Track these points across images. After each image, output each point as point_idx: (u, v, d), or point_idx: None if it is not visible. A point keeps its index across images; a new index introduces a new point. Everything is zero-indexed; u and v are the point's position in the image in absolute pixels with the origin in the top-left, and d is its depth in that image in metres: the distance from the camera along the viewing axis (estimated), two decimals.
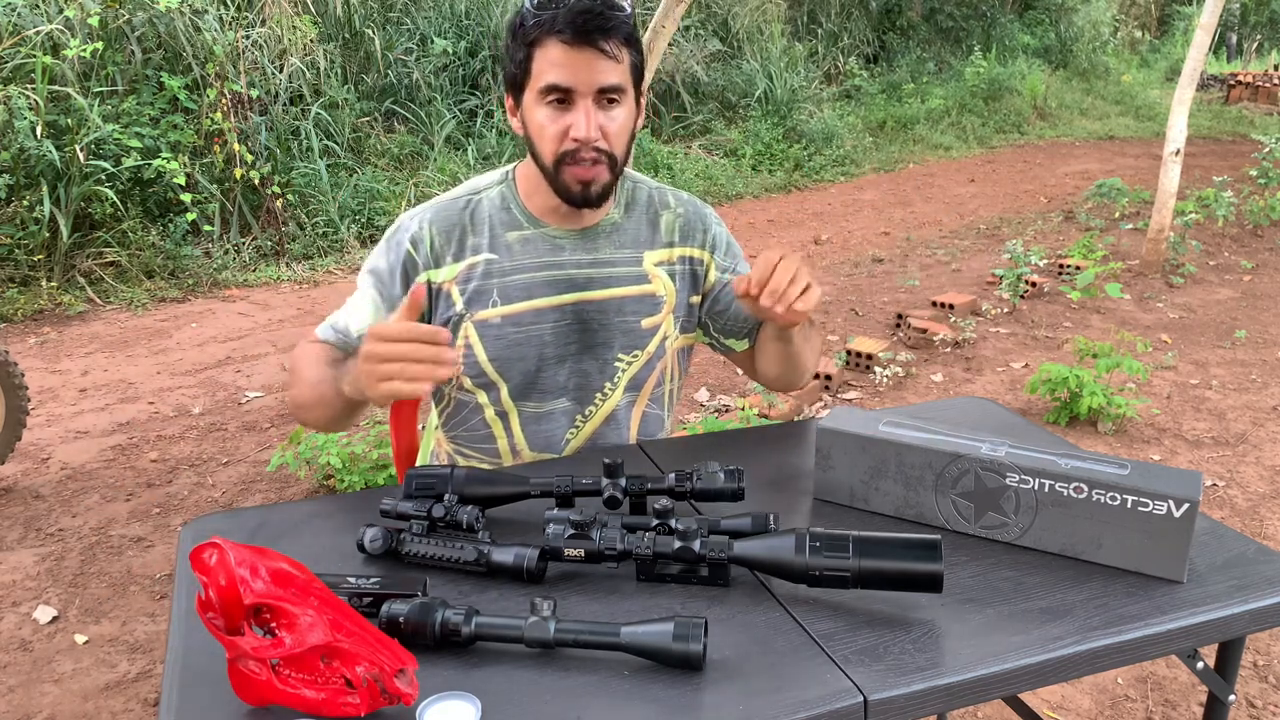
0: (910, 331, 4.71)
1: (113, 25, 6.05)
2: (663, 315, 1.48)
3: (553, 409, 1.45)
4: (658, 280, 1.47)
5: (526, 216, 1.43)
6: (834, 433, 1.24)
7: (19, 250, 5.30)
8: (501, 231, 1.42)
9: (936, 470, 1.18)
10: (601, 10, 1.27)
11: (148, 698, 2.30)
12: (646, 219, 1.49)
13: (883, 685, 0.91)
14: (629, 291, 1.45)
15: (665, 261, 1.48)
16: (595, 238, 1.44)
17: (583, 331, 1.43)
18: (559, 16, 1.26)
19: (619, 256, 1.45)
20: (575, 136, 1.29)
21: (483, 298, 1.40)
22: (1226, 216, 6.58)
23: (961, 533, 1.19)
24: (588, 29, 1.26)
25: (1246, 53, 17.65)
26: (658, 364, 1.49)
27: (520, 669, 0.94)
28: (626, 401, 1.49)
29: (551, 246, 1.42)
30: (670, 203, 1.51)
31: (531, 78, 1.30)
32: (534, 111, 1.32)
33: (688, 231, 1.50)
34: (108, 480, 3.36)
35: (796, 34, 11.21)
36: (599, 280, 1.43)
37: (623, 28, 1.29)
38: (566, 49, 1.27)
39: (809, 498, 1.28)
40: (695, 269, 1.51)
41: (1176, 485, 1.08)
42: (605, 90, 1.29)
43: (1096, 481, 1.10)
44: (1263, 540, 2.98)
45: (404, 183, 6.77)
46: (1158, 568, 1.10)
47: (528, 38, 1.29)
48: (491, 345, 1.41)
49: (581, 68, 1.27)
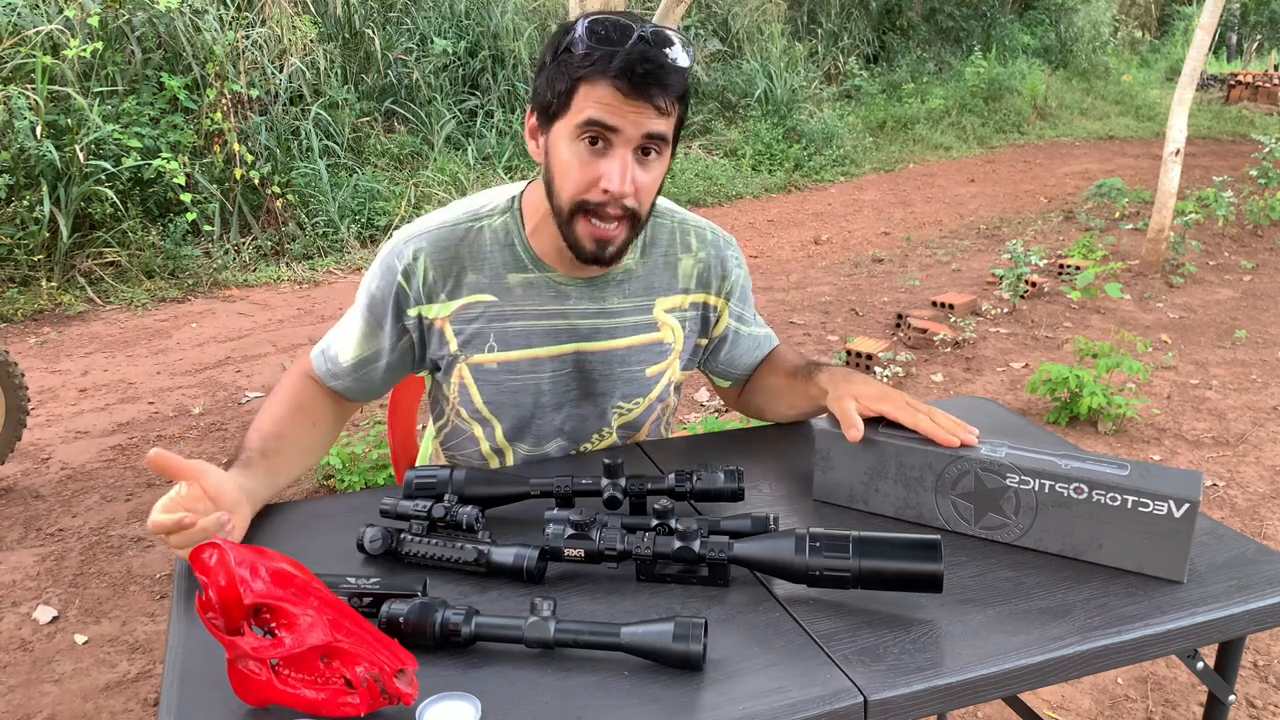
0: (910, 331, 4.71)
1: (113, 25, 6.05)
2: (669, 362, 1.43)
3: (546, 451, 1.43)
4: (666, 328, 1.41)
5: (531, 258, 1.33)
6: (834, 435, 1.24)
7: (19, 250, 5.30)
8: (503, 272, 1.32)
9: (936, 471, 1.18)
10: (663, 63, 1.15)
11: (148, 698, 2.30)
12: (664, 263, 1.40)
13: (883, 685, 0.91)
14: (635, 341, 1.38)
15: (678, 308, 1.41)
16: (604, 286, 1.35)
17: (582, 380, 1.38)
18: (616, 59, 1.13)
19: (628, 306, 1.37)
20: (607, 188, 1.18)
21: (479, 342, 1.33)
22: (1226, 216, 6.58)
23: (961, 534, 1.19)
24: (646, 81, 1.14)
25: (1246, 53, 17.65)
26: (658, 407, 1.47)
27: (520, 669, 0.94)
28: (624, 437, 1.47)
29: (556, 294, 1.33)
30: (693, 245, 1.41)
31: (570, 112, 1.18)
32: (563, 145, 1.20)
33: (705, 279, 1.42)
34: (108, 480, 3.36)
35: (796, 34, 11.21)
36: (604, 331, 1.36)
37: (680, 84, 1.18)
38: (618, 95, 1.15)
39: (809, 498, 1.28)
40: (708, 315, 1.45)
41: (1177, 485, 1.08)
42: (650, 137, 1.18)
43: (1097, 482, 1.10)
44: (1263, 540, 2.98)
45: (404, 183, 6.77)
46: (1158, 568, 1.09)
47: (575, 72, 1.16)
48: (486, 390, 1.36)
49: (630, 118, 1.16)
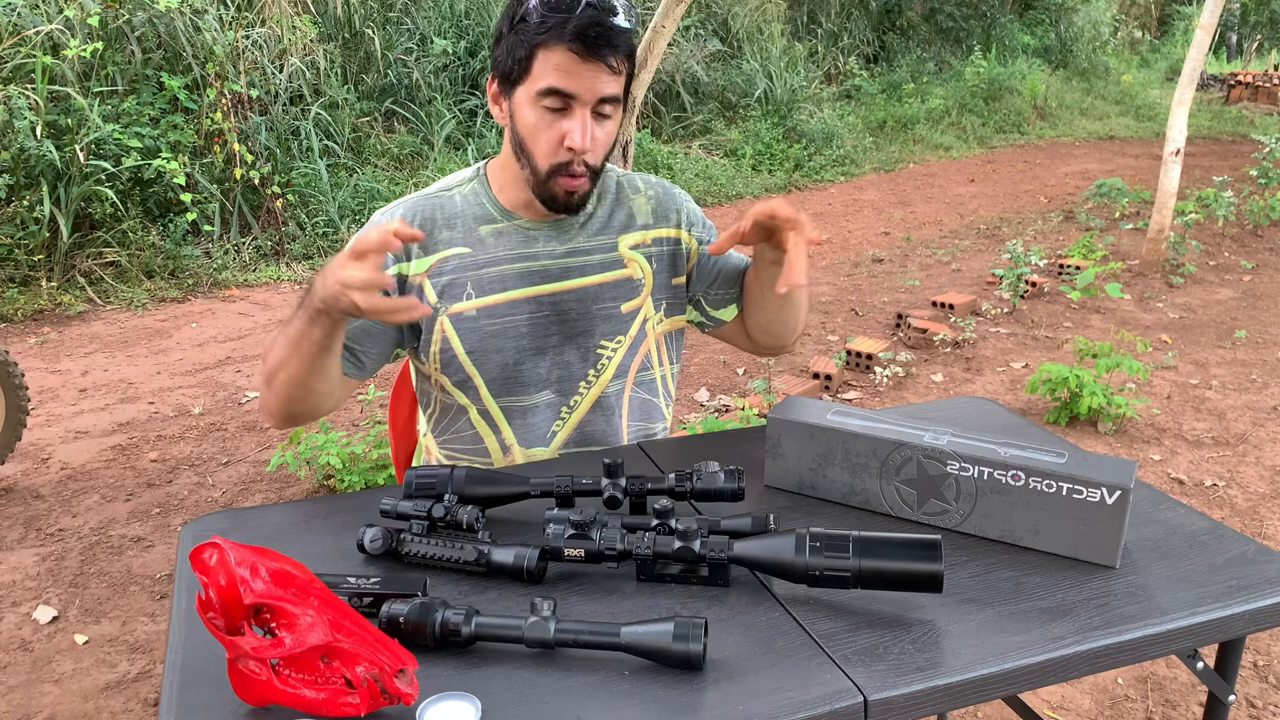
0: (910, 331, 4.71)
1: (113, 25, 6.04)
2: (641, 298, 1.49)
3: (536, 402, 1.46)
4: (634, 264, 1.49)
5: (499, 210, 1.44)
6: (783, 422, 1.27)
7: (19, 250, 5.30)
8: (474, 225, 1.43)
9: (880, 458, 1.21)
10: (612, 25, 1.28)
11: (148, 698, 2.30)
12: (617, 204, 1.50)
13: (883, 685, 0.91)
14: (605, 278, 1.47)
15: (641, 244, 1.50)
16: (569, 228, 1.46)
17: (561, 322, 1.44)
18: (570, 24, 1.26)
19: (593, 244, 1.47)
20: (571, 145, 1.31)
21: (456, 291, 1.41)
22: (1226, 216, 6.58)
23: (904, 519, 1.21)
24: (598, 43, 1.27)
25: (1246, 53, 17.65)
26: (640, 346, 1.51)
27: (520, 669, 0.94)
28: (616, 389, 1.50)
29: (525, 238, 1.44)
30: (640, 186, 1.53)
31: (530, 77, 1.31)
32: (526, 110, 1.33)
33: (661, 213, 1.52)
34: (108, 480, 3.36)
35: (796, 34, 11.21)
36: (575, 269, 1.45)
37: (627, 44, 1.32)
38: (573, 59, 1.27)
39: (808, 498, 1.28)
40: (674, 249, 1.52)
41: (1111, 473, 1.10)
42: (604, 100, 1.31)
43: (1033, 469, 1.12)
44: (1263, 540, 2.98)
45: (404, 183, 6.77)
46: (1093, 554, 1.12)
47: (533, 39, 1.28)
48: (468, 338, 1.41)
49: (586, 78, 1.29)
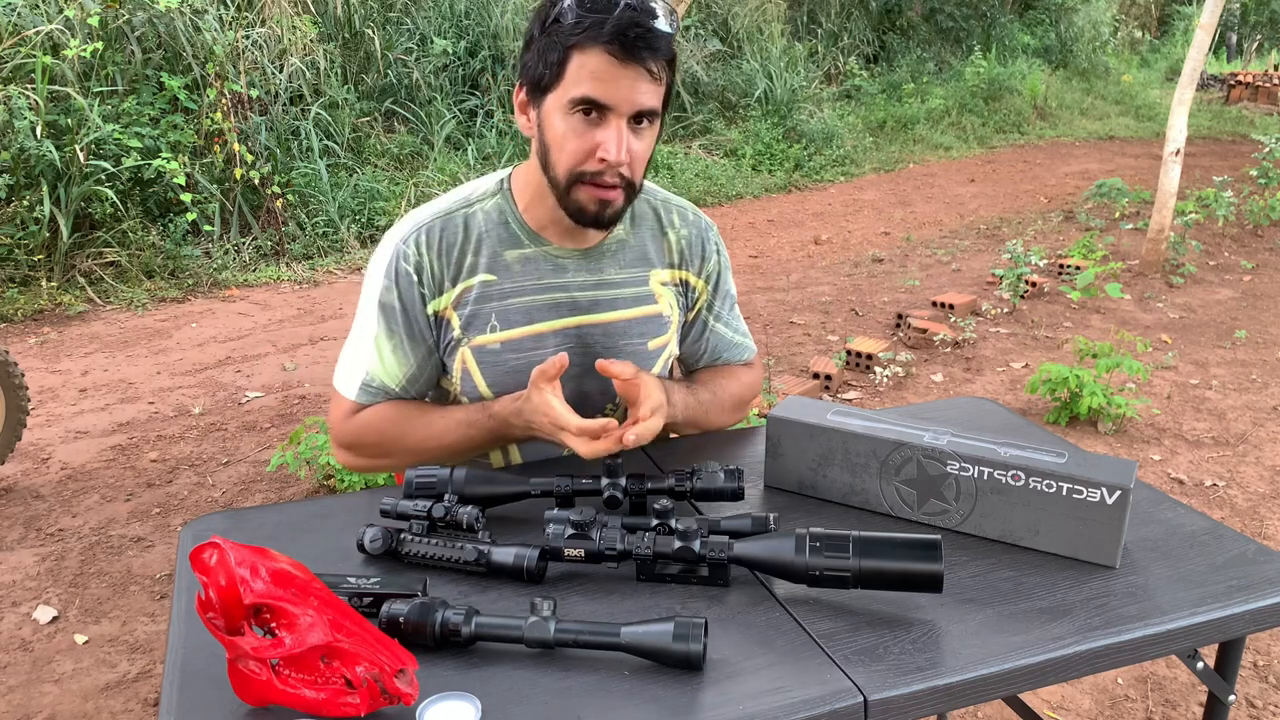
0: (910, 331, 4.71)
1: (113, 25, 6.04)
2: (669, 336, 1.44)
3: None
4: (664, 300, 1.42)
5: (526, 233, 1.34)
6: (783, 421, 1.26)
7: (19, 250, 5.30)
8: (500, 249, 1.33)
9: (880, 458, 1.20)
10: (652, 26, 1.17)
11: (148, 698, 2.30)
12: (652, 235, 1.42)
13: (883, 685, 0.91)
14: (635, 313, 1.40)
15: (671, 281, 1.44)
16: (600, 257, 1.37)
17: (585, 353, 1.36)
18: (607, 25, 1.15)
19: (624, 276, 1.39)
20: (604, 158, 1.21)
21: (480, 322, 1.33)
22: (1226, 216, 6.58)
23: (904, 519, 1.21)
24: (637, 45, 1.16)
25: (1246, 53, 17.65)
26: None
27: (520, 669, 0.94)
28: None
29: (554, 267, 1.35)
30: (675, 223, 1.44)
31: (563, 83, 1.20)
32: (556, 118, 1.22)
33: (689, 257, 1.45)
34: (108, 480, 3.36)
35: (796, 34, 11.21)
36: (604, 303, 1.37)
37: (668, 49, 1.21)
38: (611, 62, 1.17)
39: (808, 499, 1.28)
40: (689, 293, 1.47)
41: (1111, 473, 1.10)
42: (643, 112, 1.21)
43: (1033, 469, 1.12)
44: (1263, 540, 2.98)
45: (404, 183, 6.77)
46: (1093, 554, 1.11)
47: (567, 40, 1.18)
48: (490, 372, 1.35)
49: (624, 85, 1.18)
